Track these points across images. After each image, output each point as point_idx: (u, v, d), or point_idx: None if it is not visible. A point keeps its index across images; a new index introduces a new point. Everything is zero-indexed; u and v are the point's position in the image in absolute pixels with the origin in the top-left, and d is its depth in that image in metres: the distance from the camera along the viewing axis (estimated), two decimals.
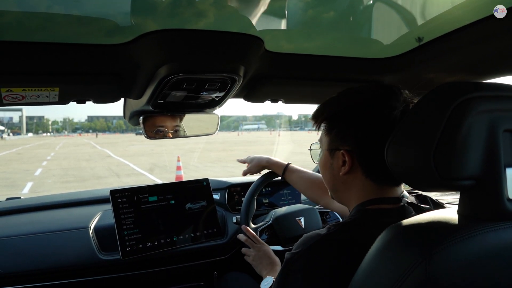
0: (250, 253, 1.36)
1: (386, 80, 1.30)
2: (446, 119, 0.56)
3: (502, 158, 0.56)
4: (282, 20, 1.03)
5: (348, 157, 0.79)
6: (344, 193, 0.84)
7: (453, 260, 0.52)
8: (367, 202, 0.79)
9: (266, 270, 1.27)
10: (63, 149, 27.41)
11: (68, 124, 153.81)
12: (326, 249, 0.72)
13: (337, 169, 0.82)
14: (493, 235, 0.55)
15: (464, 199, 0.60)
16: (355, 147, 0.79)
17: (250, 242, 1.38)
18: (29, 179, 10.74)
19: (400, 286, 0.53)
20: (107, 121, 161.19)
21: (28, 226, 1.52)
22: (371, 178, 0.78)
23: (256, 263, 1.32)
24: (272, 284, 1.16)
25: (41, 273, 1.37)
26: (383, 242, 0.60)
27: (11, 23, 0.85)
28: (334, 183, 0.85)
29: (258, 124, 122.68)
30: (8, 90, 0.95)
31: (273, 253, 1.33)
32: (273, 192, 1.96)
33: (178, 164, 8.56)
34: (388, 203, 0.78)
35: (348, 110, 0.80)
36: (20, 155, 21.58)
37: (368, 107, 0.77)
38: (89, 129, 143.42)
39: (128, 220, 1.47)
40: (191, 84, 1.06)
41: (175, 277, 1.63)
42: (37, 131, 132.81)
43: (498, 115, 0.57)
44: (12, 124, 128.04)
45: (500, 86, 0.60)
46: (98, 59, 0.95)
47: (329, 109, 0.84)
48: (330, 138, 0.83)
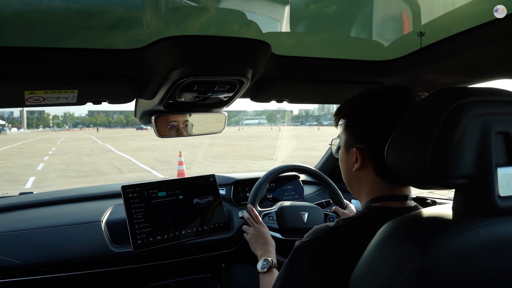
0: (249, 231, 1.42)
1: (386, 82, 1.35)
2: (442, 122, 0.60)
3: (494, 158, 0.60)
4: (288, 25, 1.07)
5: (360, 155, 0.84)
6: (357, 188, 0.90)
7: (447, 253, 0.56)
8: (375, 199, 0.84)
9: (261, 250, 1.32)
10: (65, 144, 27.13)
11: (68, 119, 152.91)
12: (333, 240, 0.77)
13: (351, 165, 0.88)
14: (485, 229, 0.60)
15: (458, 197, 0.65)
16: (367, 146, 0.83)
17: (252, 221, 1.45)
18: (31, 174, 10.75)
19: (398, 277, 0.57)
20: (107, 116, 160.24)
21: (42, 220, 1.57)
22: (381, 177, 0.83)
23: (253, 241, 1.38)
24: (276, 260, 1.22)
25: (56, 264, 1.43)
26: (382, 235, 0.64)
27: (33, 29, 0.90)
28: (349, 177, 0.91)
29: (259, 119, 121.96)
30: (31, 93, 1.00)
31: (270, 235, 1.39)
32: (276, 187, 2.01)
33: (180, 159, 8.54)
34: (395, 200, 0.82)
35: (362, 110, 0.85)
36: (22, 150, 21.43)
37: (380, 109, 0.81)
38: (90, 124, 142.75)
39: (139, 215, 1.52)
40: (201, 86, 1.12)
41: (183, 269, 1.69)
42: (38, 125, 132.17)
43: (490, 118, 0.61)
44: (12, 119, 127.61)
45: (492, 90, 0.64)
46: (115, 63, 1.01)
47: (347, 108, 0.88)
48: (346, 136, 0.89)
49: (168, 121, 1.34)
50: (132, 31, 0.97)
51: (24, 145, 26.75)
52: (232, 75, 1.08)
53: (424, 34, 1.11)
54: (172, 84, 1.07)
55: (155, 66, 1.02)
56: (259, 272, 1.19)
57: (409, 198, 0.83)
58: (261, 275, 1.18)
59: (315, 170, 1.80)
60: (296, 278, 0.78)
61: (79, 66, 0.98)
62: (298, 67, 1.21)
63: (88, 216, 1.61)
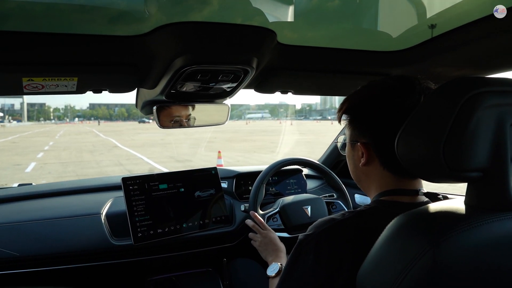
0: (256, 239, 1.41)
1: (394, 73, 1.32)
2: (455, 113, 0.58)
3: (509, 151, 0.58)
4: (294, 13, 1.05)
5: (365, 150, 0.82)
6: (365, 183, 0.88)
7: (459, 248, 0.54)
8: (384, 193, 0.81)
9: (271, 256, 1.30)
10: (64, 138, 25.53)
11: (69, 112, 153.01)
12: (339, 234, 0.75)
13: (358, 161, 0.85)
14: (498, 224, 0.58)
15: (471, 190, 0.63)
16: (371, 140, 0.81)
17: (257, 228, 1.42)
18: (17, 179, 8.77)
19: (408, 273, 0.55)
20: (109, 109, 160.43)
21: (41, 212, 1.56)
22: (389, 170, 0.80)
23: (262, 248, 1.36)
24: (284, 264, 1.21)
25: (55, 257, 1.41)
26: (392, 230, 0.62)
27: (31, 14, 0.87)
28: (357, 173, 0.89)
29: (262, 113, 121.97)
30: (29, 80, 0.97)
31: (278, 239, 1.36)
32: (279, 181, 1.99)
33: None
34: (405, 194, 0.80)
35: (365, 103, 0.83)
36: (15, 144, 19.63)
37: (383, 101, 0.79)
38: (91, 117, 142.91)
39: (140, 207, 1.50)
40: (205, 75, 1.09)
41: (184, 263, 1.67)
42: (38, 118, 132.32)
43: (506, 110, 0.59)
44: (13, 111, 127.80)
45: (507, 81, 0.62)
46: (116, 50, 0.98)
47: (349, 103, 0.86)
48: (350, 131, 0.87)
49: (170, 111, 1.31)
50: (133, 17, 0.94)
51: (20, 138, 25.30)
52: (236, 64, 1.05)
53: (435, 25, 1.08)
54: (174, 72, 1.04)
55: (157, 54, 1.00)
56: (269, 277, 1.17)
57: (420, 193, 0.81)
58: (271, 279, 1.17)
59: (318, 163, 1.78)
60: (299, 271, 0.76)
61: (79, 52, 0.95)
62: (304, 57, 1.18)
63: (88, 208, 1.59)
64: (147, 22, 0.94)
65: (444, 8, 1.02)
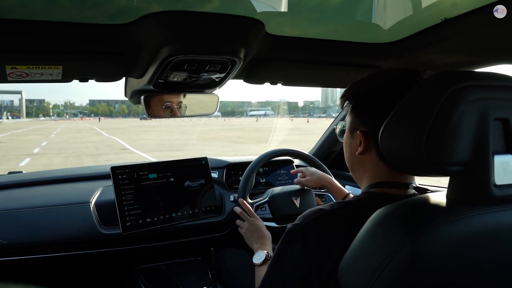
0: (243, 226, 1.41)
1: (385, 65, 1.31)
2: (439, 107, 0.57)
3: (491, 145, 0.58)
4: (283, 3, 1.03)
5: (364, 138, 0.82)
6: (359, 173, 0.88)
7: (438, 242, 0.55)
8: (375, 185, 0.82)
9: (257, 244, 1.31)
10: (61, 136, 21.53)
11: (69, 108, 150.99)
12: (326, 224, 0.75)
13: (354, 149, 0.85)
14: (478, 218, 0.58)
15: (453, 184, 0.63)
16: (371, 129, 0.81)
17: (245, 215, 1.43)
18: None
19: (387, 265, 0.56)
20: (109, 105, 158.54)
21: (30, 200, 1.55)
22: (384, 161, 0.80)
23: (248, 235, 1.37)
24: (270, 252, 1.22)
25: (43, 245, 1.41)
26: (373, 222, 0.63)
27: (13, 1, 0.86)
28: (352, 162, 0.89)
29: (265, 110, 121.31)
30: (13, 68, 0.96)
31: (265, 227, 1.37)
32: (270, 172, 1.99)
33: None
34: (395, 187, 0.81)
35: (370, 92, 0.82)
36: (2, 145, 16.23)
37: (388, 91, 0.79)
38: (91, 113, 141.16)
39: (129, 196, 1.50)
40: (192, 65, 1.08)
41: (173, 252, 1.68)
42: (38, 114, 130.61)
43: (489, 104, 0.58)
44: (12, 107, 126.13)
45: (491, 75, 0.61)
46: (102, 39, 0.96)
47: (354, 90, 0.86)
48: (351, 118, 0.87)
49: (158, 101, 1.30)
50: (118, 5, 0.92)
51: (11, 136, 21.86)
52: (223, 54, 1.04)
53: (426, 17, 1.07)
54: (161, 62, 1.03)
55: (143, 43, 0.98)
56: (255, 264, 1.18)
57: (411, 186, 0.81)
58: (257, 267, 1.17)
59: (308, 155, 1.78)
60: (286, 260, 0.77)
61: (63, 40, 0.94)
62: (293, 47, 1.17)
63: (77, 197, 1.59)
64: (133, 11, 0.92)
65: (434, 1, 1.01)
